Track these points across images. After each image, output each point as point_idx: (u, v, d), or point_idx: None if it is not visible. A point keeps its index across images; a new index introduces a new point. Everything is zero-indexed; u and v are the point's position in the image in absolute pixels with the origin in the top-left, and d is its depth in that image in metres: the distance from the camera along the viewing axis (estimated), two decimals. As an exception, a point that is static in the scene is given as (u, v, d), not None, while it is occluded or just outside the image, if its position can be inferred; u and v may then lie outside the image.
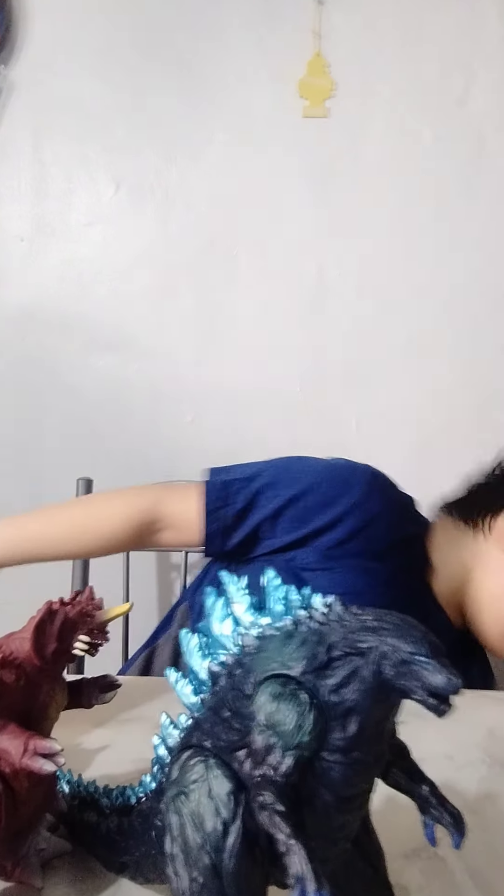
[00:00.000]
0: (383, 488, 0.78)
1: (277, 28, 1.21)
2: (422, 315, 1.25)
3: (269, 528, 0.74)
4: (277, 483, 0.74)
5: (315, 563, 0.73)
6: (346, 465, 0.78)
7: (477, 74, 1.22)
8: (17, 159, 1.25)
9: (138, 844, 0.34)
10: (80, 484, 1.08)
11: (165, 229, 1.24)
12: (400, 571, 0.74)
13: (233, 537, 0.74)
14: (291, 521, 0.73)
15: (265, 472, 0.75)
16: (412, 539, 0.78)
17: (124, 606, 0.39)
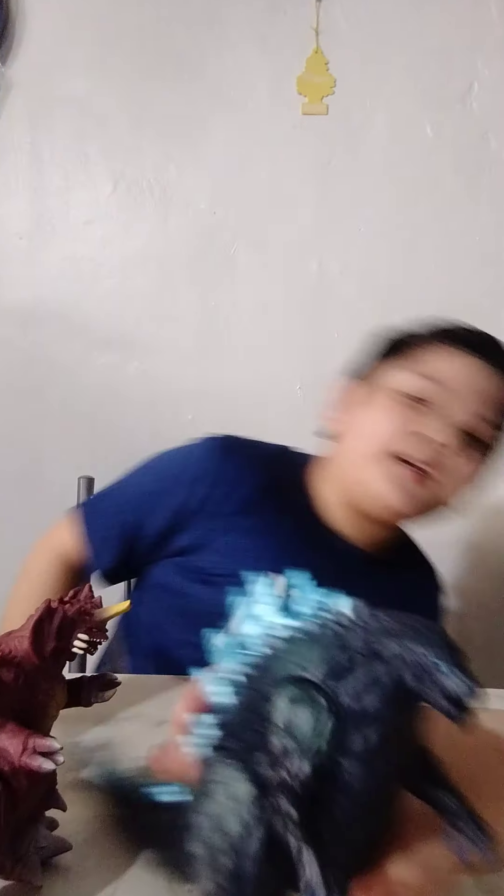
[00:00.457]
0: (225, 449, 0.79)
1: (277, 25, 1.21)
2: (423, 313, 1.25)
3: (142, 537, 0.77)
4: (128, 497, 0.79)
5: (198, 548, 0.75)
6: (183, 447, 0.81)
7: (478, 71, 1.22)
8: (15, 157, 1.25)
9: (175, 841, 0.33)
10: (82, 482, 1.08)
11: (165, 227, 1.24)
12: (280, 514, 0.76)
13: (115, 554, 0.77)
14: (158, 527, 0.77)
15: (118, 489, 0.80)
16: (284, 480, 0.79)
17: (123, 605, 0.39)
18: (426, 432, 0.71)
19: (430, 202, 1.23)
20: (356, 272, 1.24)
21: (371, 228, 1.24)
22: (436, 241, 1.24)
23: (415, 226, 1.24)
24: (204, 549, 0.75)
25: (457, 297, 1.24)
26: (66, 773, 0.46)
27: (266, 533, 0.75)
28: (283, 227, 1.24)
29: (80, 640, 0.36)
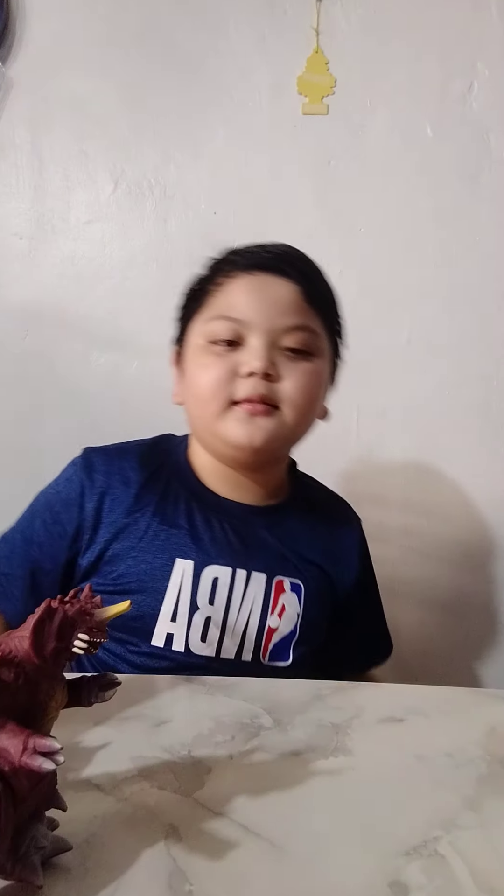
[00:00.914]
0: (88, 462, 0.80)
1: (277, 24, 1.21)
2: (423, 313, 1.25)
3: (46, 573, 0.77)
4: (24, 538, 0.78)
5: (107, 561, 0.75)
6: (55, 480, 0.81)
7: (479, 71, 1.22)
8: (15, 157, 1.25)
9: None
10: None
11: (165, 227, 1.24)
12: (170, 501, 0.77)
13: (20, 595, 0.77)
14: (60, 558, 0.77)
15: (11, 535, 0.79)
16: (166, 467, 0.80)
17: (123, 605, 0.39)
18: (245, 369, 0.71)
19: (430, 202, 1.23)
20: (356, 272, 1.24)
21: (371, 228, 1.24)
22: (436, 241, 1.24)
23: (415, 226, 1.24)
24: (113, 560, 0.75)
25: (457, 296, 1.24)
26: (66, 773, 0.46)
27: (163, 523, 0.76)
28: (282, 227, 1.24)
29: (80, 640, 0.36)
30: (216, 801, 0.44)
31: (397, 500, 1.26)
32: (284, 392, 0.72)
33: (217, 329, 0.73)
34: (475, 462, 1.26)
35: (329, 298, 0.79)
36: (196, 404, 0.75)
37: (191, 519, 0.77)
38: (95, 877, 0.36)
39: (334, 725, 0.55)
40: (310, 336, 0.74)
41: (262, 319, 0.72)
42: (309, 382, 0.74)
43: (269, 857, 0.39)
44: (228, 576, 0.74)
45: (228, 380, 0.72)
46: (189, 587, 0.73)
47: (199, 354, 0.75)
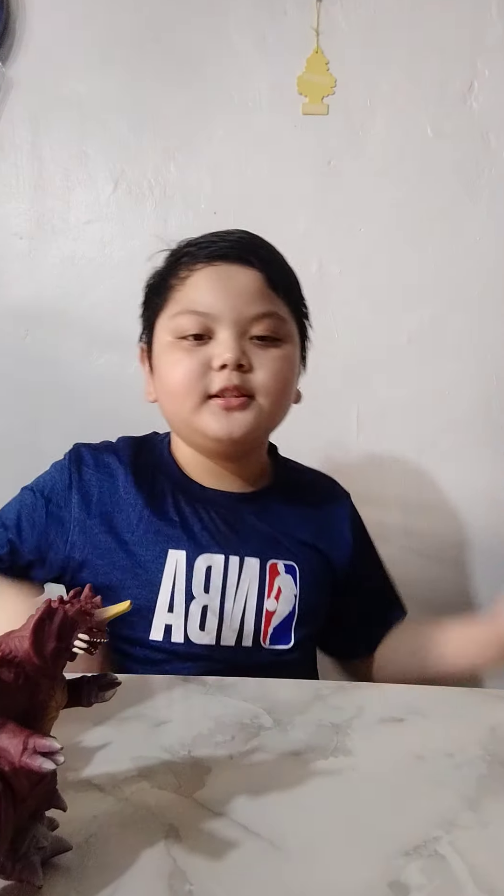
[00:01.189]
0: (79, 458, 0.81)
1: (277, 25, 1.21)
2: (423, 313, 1.25)
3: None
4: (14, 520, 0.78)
5: (91, 561, 0.76)
6: (48, 471, 0.82)
7: (479, 71, 1.22)
8: (15, 157, 1.25)
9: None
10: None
11: (165, 227, 1.24)
12: (158, 497, 0.78)
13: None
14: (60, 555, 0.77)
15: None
16: (150, 464, 0.81)
17: (123, 605, 0.39)
18: (217, 362, 0.71)
19: (430, 202, 1.23)
20: (357, 272, 1.24)
21: (371, 228, 1.24)
22: (436, 241, 1.24)
23: (415, 226, 1.24)
24: (104, 555, 0.75)
25: (457, 297, 1.24)
26: (66, 773, 0.46)
27: (153, 516, 0.76)
28: (283, 227, 1.24)
29: (80, 640, 0.36)
30: (216, 801, 0.44)
31: (397, 500, 1.26)
32: (258, 381, 0.73)
33: (184, 324, 0.73)
34: (475, 462, 1.26)
35: (292, 281, 0.80)
36: (171, 401, 0.75)
37: (179, 511, 0.77)
38: (95, 877, 0.36)
39: (334, 725, 0.55)
40: (277, 322, 0.74)
41: (229, 311, 0.72)
42: (281, 369, 0.74)
43: (269, 857, 0.39)
44: (222, 563, 0.75)
45: (201, 374, 0.72)
46: (184, 577, 0.73)
47: (168, 351, 0.75)
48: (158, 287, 0.79)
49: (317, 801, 0.45)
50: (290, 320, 0.78)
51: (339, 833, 0.41)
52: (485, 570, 1.27)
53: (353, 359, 1.26)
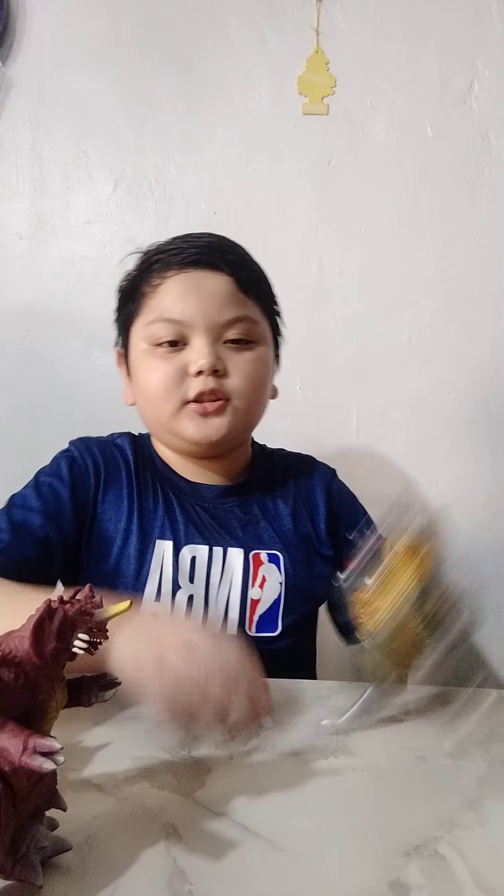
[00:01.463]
0: (88, 445, 0.83)
1: (277, 24, 1.21)
2: (423, 313, 1.25)
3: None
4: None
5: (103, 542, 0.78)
6: (56, 460, 0.83)
7: (479, 71, 1.22)
8: (15, 157, 1.25)
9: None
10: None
11: (165, 227, 1.24)
12: (149, 491, 0.80)
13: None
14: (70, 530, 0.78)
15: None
16: (139, 462, 0.83)
17: (123, 605, 0.39)
18: (193, 368, 0.73)
19: (430, 202, 1.23)
20: (356, 272, 1.24)
21: (371, 228, 1.24)
22: (436, 241, 1.24)
23: (415, 226, 1.24)
24: (101, 542, 0.78)
25: (457, 297, 1.24)
26: (66, 773, 0.46)
27: (143, 508, 0.78)
28: (283, 227, 1.24)
29: (80, 640, 0.36)
30: (216, 801, 0.44)
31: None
32: (233, 385, 0.75)
33: (159, 332, 0.74)
34: (475, 462, 1.26)
35: (262, 282, 0.81)
36: (150, 406, 0.78)
37: (166, 504, 0.80)
38: (95, 877, 0.36)
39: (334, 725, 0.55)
40: (249, 325, 0.76)
41: (202, 317, 0.73)
42: (255, 371, 0.76)
43: (269, 857, 0.39)
44: (206, 554, 0.77)
45: (178, 380, 0.74)
46: (170, 567, 0.75)
47: (144, 358, 0.76)
48: (132, 293, 0.80)
49: (317, 801, 0.45)
50: (263, 321, 0.79)
51: (339, 833, 0.41)
52: (485, 569, 1.27)
53: (353, 359, 1.26)
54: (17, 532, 0.74)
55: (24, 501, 0.77)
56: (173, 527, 0.78)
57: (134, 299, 0.79)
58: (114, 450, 0.83)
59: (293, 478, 0.88)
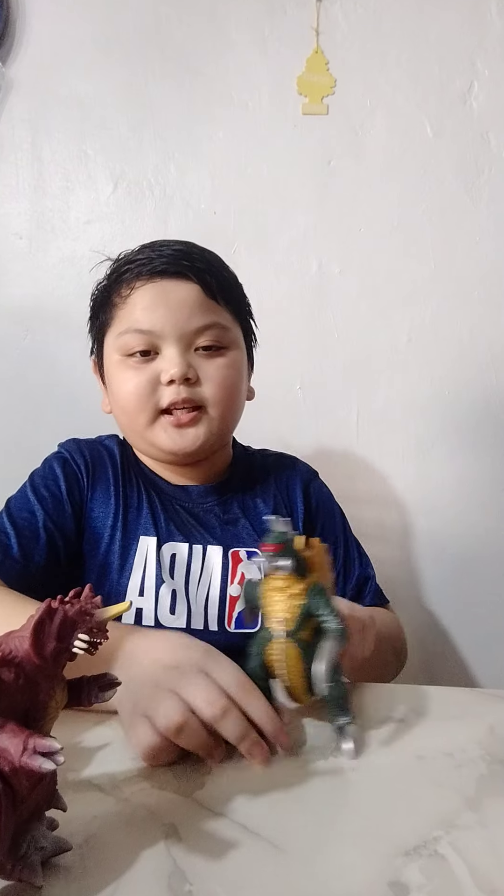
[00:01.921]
0: (78, 445, 0.85)
1: (277, 25, 1.21)
2: (423, 313, 1.25)
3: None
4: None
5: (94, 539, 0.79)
6: (49, 460, 0.85)
7: (479, 71, 1.22)
8: (15, 157, 1.25)
9: None
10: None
11: (165, 227, 1.24)
12: (128, 487, 0.81)
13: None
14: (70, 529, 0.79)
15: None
16: (125, 464, 0.84)
17: (123, 605, 0.39)
18: (165, 378, 0.74)
19: (430, 202, 1.23)
20: (356, 272, 1.24)
21: (371, 228, 1.24)
22: (436, 240, 1.24)
23: (415, 226, 1.24)
24: (91, 538, 0.79)
25: (457, 297, 1.24)
26: (66, 773, 0.46)
27: (128, 506, 0.80)
28: (283, 227, 1.24)
29: (80, 641, 0.36)
30: (216, 801, 0.44)
31: (397, 500, 1.26)
32: (206, 393, 0.76)
33: (130, 342, 0.75)
34: (475, 462, 1.26)
35: (231, 286, 0.81)
36: (124, 416, 0.79)
37: (150, 502, 0.81)
38: (95, 877, 0.36)
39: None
40: (220, 331, 0.77)
41: (171, 327, 0.74)
42: (228, 377, 0.77)
43: (269, 857, 0.39)
44: (185, 551, 0.78)
45: (151, 391, 0.75)
46: (154, 563, 0.77)
47: (117, 369, 0.77)
48: (103, 303, 0.81)
49: (317, 801, 0.45)
50: (234, 325, 0.80)
51: (339, 833, 0.41)
52: (485, 569, 1.27)
53: (353, 359, 1.26)
54: (22, 536, 0.75)
55: (23, 505, 0.78)
56: (156, 524, 0.80)
57: (105, 310, 0.80)
58: (101, 450, 0.85)
59: (274, 477, 0.89)
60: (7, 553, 0.73)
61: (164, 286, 0.75)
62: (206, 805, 0.44)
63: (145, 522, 0.80)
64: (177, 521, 0.81)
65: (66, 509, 0.78)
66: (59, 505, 0.78)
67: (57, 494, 0.79)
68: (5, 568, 0.72)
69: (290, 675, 0.50)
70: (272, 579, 0.50)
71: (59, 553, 0.76)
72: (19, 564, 0.72)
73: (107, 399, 0.83)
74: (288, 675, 0.50)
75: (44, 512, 0.77)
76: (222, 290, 0.78)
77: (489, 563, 1.27)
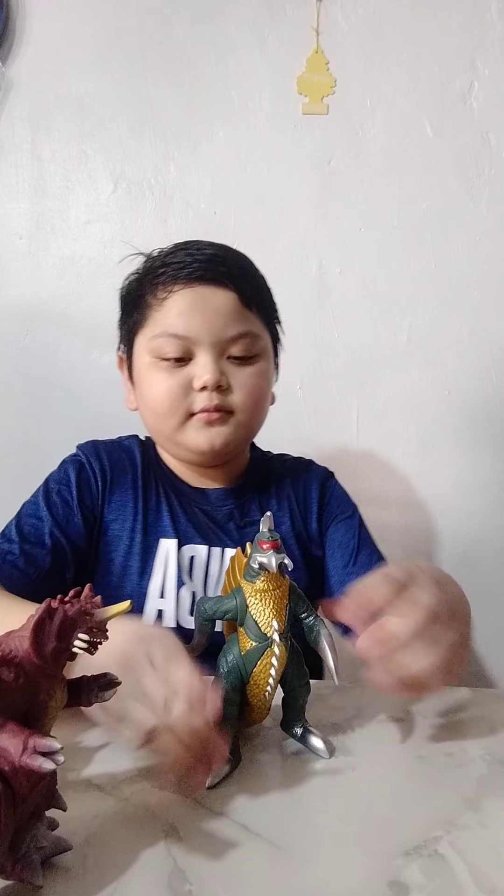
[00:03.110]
0: (96, 448, 0.85)
1: (277, 25, 1.21)
2: (423, 313, 1.25)
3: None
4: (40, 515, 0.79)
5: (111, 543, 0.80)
6: (63, 464, 0.84)
7: (479, 71, 1.22)
8: (15, 157, 1.25)
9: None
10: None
11: (165, 227, 1.24)
12: (147, 489, 0.82)
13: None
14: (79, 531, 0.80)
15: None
16: (145, 465, 0.84)
17: (123, 605, 0.39)
18: (198, 384, 0.75)
19: (430, 202, 1.23)
20: (356, 272, 1.24)
21: (371, 227, 1.24)
22: (436, 241, 1.24)
23: (415, 226, 1.24)
24: (109, 542, 0.79)
25: (457, 296, 1.24)
26: (66, 773, 0.46)
27: (148, 508, 0.81)
28: (283, 227, 1.24)
29: (80, 640, 0.36)
30: (216, 801, 0.44)
31: (397, 500, 1.26)
32: (236, 399, 0.77)
33: (164, 347, 0.75)
34: (475, 462, 1.26)
35: (264, 293, 0.82)
36: (154, 418, 0.79)
37: (169, 504, 0.82)
38: (95, 877, 0.36)
39: (334, 725, 0.55)
40: (252, 340, 0.77)
41: (206, 334, 0.75)
42: (257, 385, 0.78)
43: (269, 857, 0.39)
44: (205, 554, 0.79)
45: (183, 395, 0.75)
46: (174, 564, 0.77)
47: (149, 370, 0.77)
48: (137, 302, 0.81)
49: (317, 801, 0.45)
50: (264, 332, 0.81)
51: (339, 833, 0.41)
52: (485, 569, 1.27)
53: (353, 359, 1.26)
54: (26, 543, 0.75)
55: (33, 511, 0.78)
56: (176, 526, 0.80)
57: (139, 309, 0.80)
58: (121, 452, 0.85)
59: (290, 480, 0.89)
60: (5, 558, 0.73)
61: (201, 292, 0.75)
62: (206, 805, 0.44)
63: (165, 525, 0.80)
64: (196, 523, 0.81)
65: (75, 516, 0.78)
66: (68, 511, 0.78)
67: (68, 500, 0.79)
68: (4, 573, 0.72)
69: (275, 684, 0.49)
70: (259, 582, 0.48)
71: (66, 559, 0.76)
72: (21, 572, 0.73)
73: (132, 396, 0.83)
74: (272, 686, 0.49)
75: (52, 518, 0.77)
76: (256, 297, 0.78)
77: (489, 562, 1.27)
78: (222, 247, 0.80)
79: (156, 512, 0.81)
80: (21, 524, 0.77)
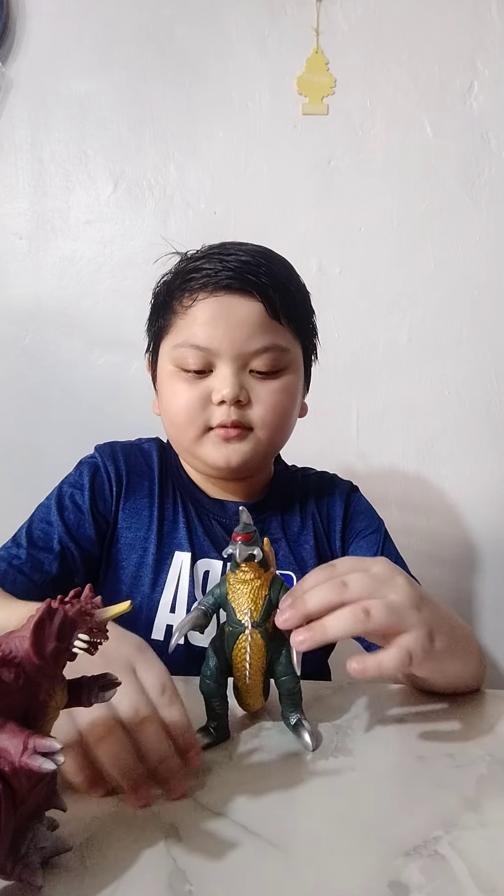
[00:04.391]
0: (112, 451, 0.83)
1: (277, 25, 1.21)
2: (423, 313, 1.25)
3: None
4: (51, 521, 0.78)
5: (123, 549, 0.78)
6: (79, 466, 0.83)
7: (479, 71, 1.22)
8: (15, 157, 1.25)
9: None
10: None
11: (165, 227, 1.24)
12: (165, 498, 0.80)
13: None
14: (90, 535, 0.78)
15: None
16: (164, 472, 0.83)
17: (123, 605, 0.39)
18: (216, 397, 0.72)
19: (430, 202, 1.23)
20: (356, 272, 1.24)
21: (371, 228, 1.24)
22: (436, 240, 1.24)
23: (415, 226, 1.24)
24: (121, 550, 0.78)
25: (457, 297, 1.25)
26: (66, 773, 0.46)
27: (164, 518, 0.79)
28: (283, 227, 1.24)
29: (80, 641, 0.36)
30: (216, 801, 0.44)
31: (397, 500, 1.26)
32: (256, 415, 0.73)
33: (186, 357, 0.73)
34: (475, 461, 1.26)
35: (296, 302, 0.78)
36: (173, 428, 0.77)
37: (186, 515, 0.79)
38: (95, 877, 0.36)
39: (334, 725, 0.55)
40: (277, 354, 0.74)
41: (229, 346, 0.72)
42: (280, 401, 0.74)
43: (269, 857, 0.39)
44: (219, 569, 0.77)
45: (201, 408, 0.73)
46: (187, 579, 0.75)
47: (170, 379, 0.76)
48: (164, 307, 0.79)
49: (317, 801, 0.45)
50: (293, 345, 0.77)
51: (338, 833, 0.41)
52: (485, 569, 1.27)
53: (353, 359, 1.26)
54: (34, 548, 0.74)
55: (44, 515, 0.77)
56: (192, 539, 0.78)
57: (165, 315, 0.78)
58: (139, 455, 0.83)
59: (314, 496, 0.86)
60: (11, 563, 0.72)
61: (227, 302, 0.72)
62: (206, 805, 0.43)
63: (181, 537, 0.78)
64: (212, 536, 0.79)
65: (87, 521, 0.77)
66: (80, 516, 0.77)
67: (80, 504, 0.77)
68: (9, 578, 0.71)
69: (252, 669, 0.51)
70: (239, 572, 0.51)
71: (75, 564, 0.75)
72: (26, 577, 0.72)
73: (155, 399, 0.82)
74: (250, 670, 0.51)
75: (62, 524, 0.76)
76: (286, 308, 0.74)
77: (489, 562, 1.27)
78: (256, 251, 0.76)
79: (172, 522, 0.78)
80: (32, 528, 0.76)
